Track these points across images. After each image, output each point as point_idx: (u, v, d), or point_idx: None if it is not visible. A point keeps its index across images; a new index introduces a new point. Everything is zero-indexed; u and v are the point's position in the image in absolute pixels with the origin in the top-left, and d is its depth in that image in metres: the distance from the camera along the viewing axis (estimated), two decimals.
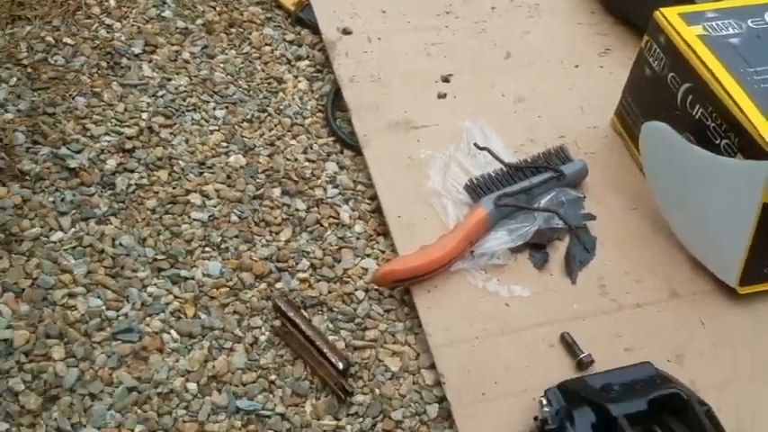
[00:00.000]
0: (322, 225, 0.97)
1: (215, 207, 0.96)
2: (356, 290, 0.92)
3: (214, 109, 1.06)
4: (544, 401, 0.75)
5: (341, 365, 0.83)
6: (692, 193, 0.91)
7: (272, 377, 0.84)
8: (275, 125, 1.07)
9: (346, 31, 1.17)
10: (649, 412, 0.72)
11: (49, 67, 1.06)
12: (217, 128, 1.04)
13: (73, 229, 0.91)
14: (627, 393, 0.74)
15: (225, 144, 1.03)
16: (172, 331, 0.85)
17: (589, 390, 0.75)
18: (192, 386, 0.82)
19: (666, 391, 0.73)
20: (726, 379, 0.85)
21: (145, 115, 1.03)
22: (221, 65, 1.12)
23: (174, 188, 0.97)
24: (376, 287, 0.92)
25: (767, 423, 0.82)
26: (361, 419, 0.82)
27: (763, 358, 0.88)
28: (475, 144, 1.01)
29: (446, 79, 1.13)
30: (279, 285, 0.91)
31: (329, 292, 0.91)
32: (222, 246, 0.93)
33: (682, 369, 0.85)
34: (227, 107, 1.07)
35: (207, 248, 0.92)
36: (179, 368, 0.83)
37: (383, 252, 0.96)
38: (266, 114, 1.07)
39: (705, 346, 0.88)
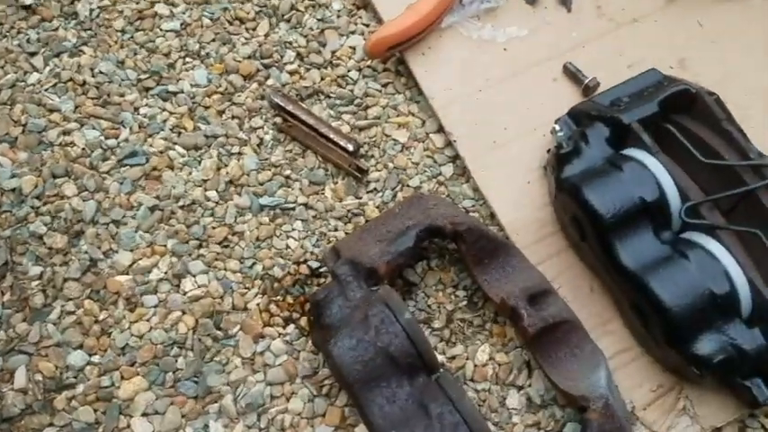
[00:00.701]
0: (298, 10, 0.98)
1: (184, 14, 0.97)
2: (349, 71, 0.95)
3: None
4: (557, 128, 0.81)
5: (350, 147, 0.88)
6: None
7: (287, 172, 0.90)
8: None
9: None
10: (660, 113, 0.78)
11: None
12: None
13: (48, 68, 0.93)
14: (636, 101, 0.80)
15: None
16: (177, 147, 0.90)
17: (599, 107, 0.81)
18: (212, 194, 0.88)
19: (675, 88, 0.78)
20: (727, 71, 0.91)
21: None
22: None
23: (137, 3, 0.97)
24: (369, 63, 0.95)
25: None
26: (380, 193, 0.89)
27: (760, 47, 0.93)
28: None
29: None
30: (270, 82, 0.94)
31: (322, 79, 0.95)
32: (202, 52, 0.95)
33: (685, 72, 0.91)
34: None
35: (187, 58, 0.95)
36: (194, 180, 0.88)
37: (367, 26, 0.98)
38: None
39: (705, 45, 0.93)
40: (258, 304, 0.83)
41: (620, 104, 0.80)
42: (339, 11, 0.98)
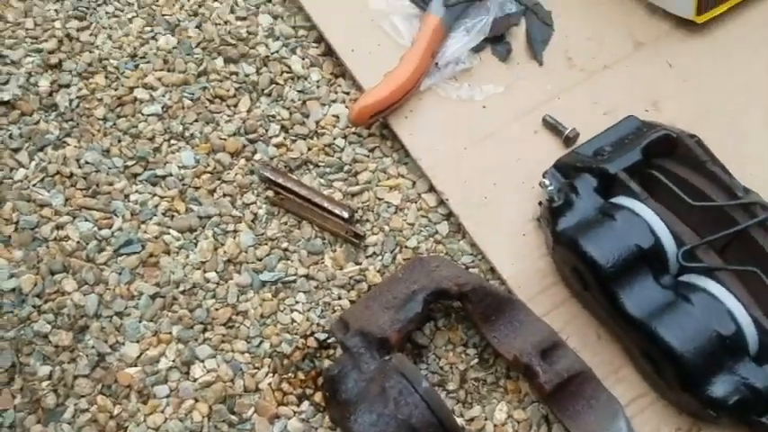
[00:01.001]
0: (278, 83, 0.99)
1: (164, 96, 0.97)
2: (335, 139, 0.96)
3: None
4: (546, 182, 0.82)
5: (345, 214, 0.89)
6: None
7: (284, 245, 0.90)
8: None
9: None
10: (644, 160, 0.80)
11: None
12: (134, 14, 1.02)
13: (33, 162, 0.92)
14: (619, 150, 0.82)
15: (149, 29, 1.01)
16: (171, 231, 0.89)
17: (583, 159, 0.83)
18: (212, 275, 0.87)
19: (656, 135, 0.80)
20: (702, 109, 0.94)
21: (58, 24, 1.00)
22: None
23: (115, 90, 0.97)
24: (354, 130, 0.96)
25: (751, 141, 0.92)
26: (380, 257, 0.89)
27: (731, 81, 0.96)
28: None
29: None
30: (257, 157, 0.94)
31: (309, 149, 0.95)
32: (186, 134, 0.95)
33: (660, 114, 0.93)
34: None
35: (172, 141, 0.94)
36: (192, 263, 0.88)
37: (348, 93, 0.99)
38: None
39: (676, 85, 0.96)
40: (270, 383, 0.82)
41: (604, 154, 0.82)
42: (318, 81, 0.99)
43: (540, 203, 0.87)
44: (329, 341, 0.84)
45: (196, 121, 0.96)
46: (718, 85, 0.96)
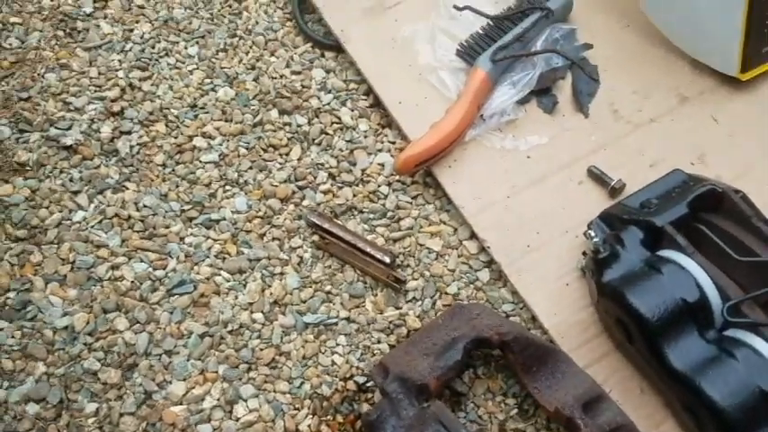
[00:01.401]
0: (327, 133, 1.01)
1: (221, 145, 1.00)
2: (379, 186, 0.97)
3: (185, 48, 1.08)
4: (592, 233, 0.81)
5: (387, 259, 0.89)
6: None
7: (328, 288, 0.91)
8: (250, 47, 1.08)
9: None
10: (690, 214, 0.79)
11: (6, 52, 1.07)
12: (195, 66, 1.06)
13: (92, 205, 0.95)
14: (666, 203, 0.81)
15: (208, 80, 1.05)
16: (222, 272, 0.91)
17: (630, 210, 0.82)
18: (258, 316, 0.88)
19: (702, 189, 0.79)
20: (747, 164, 0.93)
21: (121, 73, 1.05)
22: (177, 0, 1.12)
23: (175, 137, 1.00)
24: (398, 178, 0.97)
25: None
26: (420, 302, 0.90)
27: None
28: (454, 6, 1.03)
29: None
30: (305, 203, 0.96)
31: (354, 196, 0.97)
32: (240, 180, 0.97)
33: (706, 168, 0.92)
34: (197, 42, 1.08)
35: (227, 187, 0.97)
36: (240, 303, 0.89)
37: (393, 143, 1.00)
38: (238, 39, 1.09)
39: (722, 139, 0.95)
40: (309, 425, 0.82)
41: (651, 207, 0.81)
42: (365, 131, 1.01)
43: (583, 253, 0.86)
44: (368, 385, 0.84)
45: (250, 168, 0.99)
46: (762, 141, 0.94)
